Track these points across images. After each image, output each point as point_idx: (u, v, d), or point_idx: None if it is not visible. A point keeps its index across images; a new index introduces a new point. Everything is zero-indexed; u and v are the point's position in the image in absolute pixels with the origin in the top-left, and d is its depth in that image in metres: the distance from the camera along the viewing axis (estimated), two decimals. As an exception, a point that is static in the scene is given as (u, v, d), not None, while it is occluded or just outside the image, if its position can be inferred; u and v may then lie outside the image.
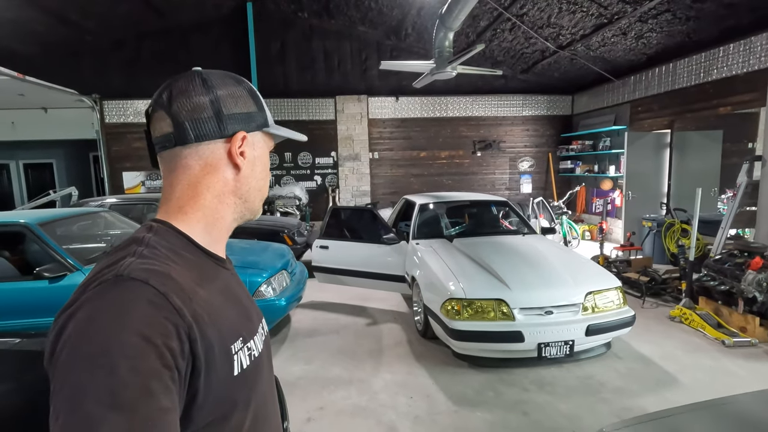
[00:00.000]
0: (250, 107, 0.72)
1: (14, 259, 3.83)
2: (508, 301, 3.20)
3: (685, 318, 4.12)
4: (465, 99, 9.24)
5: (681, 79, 6.49)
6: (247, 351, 0.66)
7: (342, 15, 8.26)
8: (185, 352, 0.54)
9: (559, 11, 6.28)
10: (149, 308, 0.53)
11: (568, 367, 3.35)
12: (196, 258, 0.66)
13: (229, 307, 0.67)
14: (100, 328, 0.50)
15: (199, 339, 0.56)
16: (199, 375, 0.56)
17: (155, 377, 0.50)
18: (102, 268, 0.58)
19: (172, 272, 0.59)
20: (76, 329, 0.51)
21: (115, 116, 8.51)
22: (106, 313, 0.52)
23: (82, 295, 0.54)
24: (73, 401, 0.47)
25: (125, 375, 0.48)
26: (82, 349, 0.49)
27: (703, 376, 3.18)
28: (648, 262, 5.46)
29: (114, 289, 0.54)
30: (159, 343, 0.51)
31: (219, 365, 0.59)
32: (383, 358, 3.59)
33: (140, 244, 0.62)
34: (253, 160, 0.72)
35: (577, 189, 8.72)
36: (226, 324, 0.63)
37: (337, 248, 4.78)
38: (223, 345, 0.61)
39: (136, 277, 0.55)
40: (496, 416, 2.72)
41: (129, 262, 0.57)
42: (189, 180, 0.68)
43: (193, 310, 0.57)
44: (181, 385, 0.54)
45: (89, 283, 0.56)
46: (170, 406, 0.51)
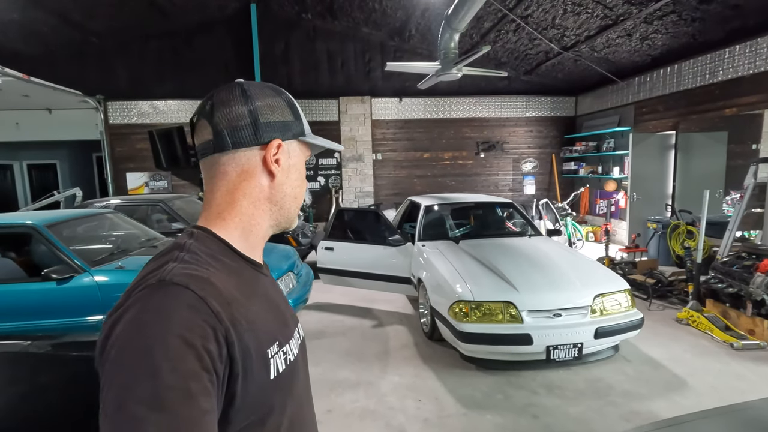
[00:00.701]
0: (287, 116, 0.73)
1: (21, 260, 3.84)
2: (516, 304, 3.18)
3: (693, 320, 4.10)
4: (468, 100, 9.23)
5: (686, 81, 6.48)
6: (283, 355, 0.67)
7: (346, 16, 8.27)
8: (223, 356, 0.56)
9: (564, 12, 6.27)
10: (189, 312, 0.54)
11: (576, 369, 3.34)
12: (235, 263, 0.68)
13: (265, 312, 0.68)
14: (144, 331, 0.53)
15: (237, 342, 0.57)
16: (237, 378, 0.57)
17: (195, 379, 0.51)
18: (147, 273, 0.61)
19: (212, 277, 0.60)
20: (123, 331, 0.53)
21: (119, 117, 8.52)
22: (150, 316, 0.54)
23: (129, 299, 0.57)
24: (119, 400, 0.49)
25: (167, 377, 0.50)
26: (128, 350, 0.52)
27: (713, 379, 3.16)
28: (654, 264, 5.45)
29: (157, 293, 0.56)
30: (198, 346, 0.53)
31: (256, 369, 0.60)
32: (390, 360, 3.58)
33: (182, 249, 0.64)
34: (288, 168, 0.74)
35: (581, 190, 8.71)
36: (263, 328, 0.64)
37: (342, 250, 4.77)
38: (260, 349, 0.62)
39: (178, 281, 0.57)
40: (507, 420, 2.71)
41: (171, 267, 0.59)
42: (227, 187, 0.70)
43: (231, 315, 0.58)
44: (219, 388, 0.55)
45: (135, 287, 0.58)
46: (209, 408, 0.52)
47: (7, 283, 3.24)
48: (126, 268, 3.34)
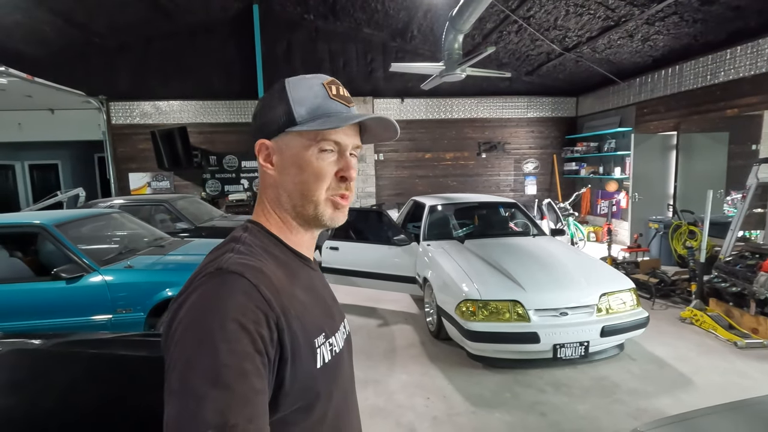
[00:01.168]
0: (276, 112, 0.70)
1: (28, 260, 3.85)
2: (523, 303, 3.21)
3: (696, 319, 4.13)
4: (470, 101, 9.26)
5: (687, 81, 6.51)
6: (329, 346, 0.69)
7: (348, 17, 8.29)
8: (274, 340, 0.59)
9: (566, 14, 6.30)
10: (243, 298, 0.58)
11: (582, 368, 3.37)
12: (285, 256, 0.72)
13: (313, 304, 0.70)
14: (204, 315, 0.56)
15: (286, 329, 0.60)
16: (286, 363, 0.60)
17: (249, 360, 0.55)
18: (207, 262, 0.65)
19: (264, 267, 0.64)
20: (186, 315, 0.58)
21: (121, 117, 8.52)
22: (209, 301, 0.58)
23: (191, 285, 0.61)
24: (183, 377, 0.53)
25: (224, 356, 0.53)
26: (190, 332, 0.56)
27: (718, 377, 3.19)
28: (656, 264, 5.48)
29: (215, 280, 0.60)
30: (252, 330, 0.56)
31: (304, 356, 0.63)
32: (397, 358, 3.60)
33: (237, 242, 0.68)
34: (283, 164, 0.71)
35: (582, 191, 8.74)
36: (310, 319, 0.67)
37: (347, 249, 4.79)
38: (307, 338, 0.65)
39: (234, 270, 0.61)
40: (515, 417, 2.73)
41: (228, 257, 0.64)
42: (259, 188, 0.78)
43: (281, 302, 0.62)
44: (270, 371, 0.58)
45: (197, 275, 0.63)
46: (261, 388, 0.55)
47: (16, 282, 3.26)
48: (135, 268, 3.35)
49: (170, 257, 3.71)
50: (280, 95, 0.71)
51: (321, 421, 0.67)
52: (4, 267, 3.48)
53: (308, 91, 0.71)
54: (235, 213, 7.86)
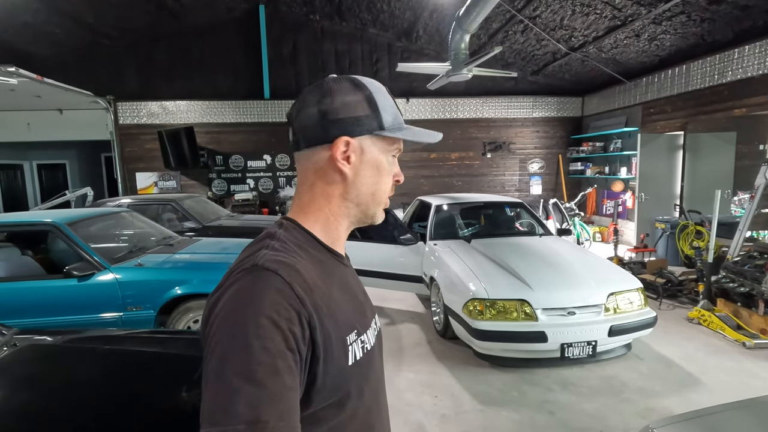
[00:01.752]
0: (361, 111, 0.71)
1: (39, 258, 3.90)
2: (530, 302, 3.21)
3: (704, 320, 4.12)
4: (475, 101, 9.26)
5: (695, 81, 6.49)
6: (360, 344, 0.70)
7: (354, 17, 8.32)
8: (306, 338, 0.59)
9: (572, 13, 6.30)
10: (277, 295, 0.59)
11: (589, 367, 3.37)
12: (319, 254, 0.72)
13: (345, 301, 0.71)
14: (239, 310, 0.57)
15: (318, 327, 0.61)
16: (318, 361, 0.61)
17: (281, 357, 0.55)
18: (244, 258, 0.66)
19: (298, 265, 0.64)
20: (222, 309, 0.59)
21: (128, 117, 8.59)
22: (244, 297, 0.59)
23: (227, 280, 0.62)
24: (219, 370, 0.55)
25: (258, 353, 0.54)
26: (225, 326, 0.57)
27: (726, 377, 3.18)
28: (663, 264, 5.46)
29: (250, 276, 0.61)
30: (284, 327, 0.57)
31: (336, 354, 0.64)
32: (405, 357, 3.61)
33: (273, 238, 0.69)
34: (360, 165, 0.73)
35: (588, 191, 8.72)
36: (342, 316, 0.67)
37: (353, 248, 4.79)
38: (339, 335, 0.65)
39: (269, 267, 0.61)
40: (523, 416, 2.74)
41: (263, 254, 0.64)
42: (306, 183, 0.75)
43: (314, 301, 0.62)
44: (301, 368, 0.59)
45: (234, 270, 0.63)
46: (292, 385, 0.56)
47: (29, 280, 3.30)
48: (145, 266, 3.39)
49: (179, 256, 3.74)
50: (359, 94, 0.72)
51: (353, 417, 0.68)
52: (18, 265, 3.52)
53: (386, 98, 0.75)
54: (241, 212, 7.90)
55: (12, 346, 1.96)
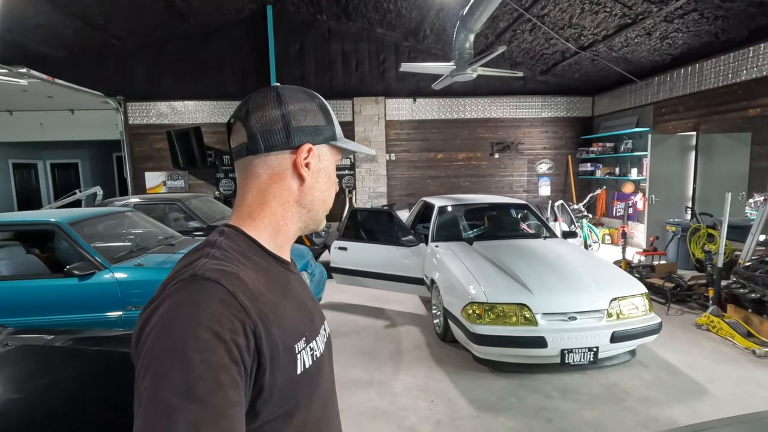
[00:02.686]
0: (319, 121, 0.74)
1: (44, 256, 3.96)
2: (530, 306, 3.16)
3: (713, 326, 4.00)
4: (483, 100, 9.17)
5: (708, 80, 6.32)
6: (309, 351, 0.68)
7: (361, 17, 8.30)
8: (251, 349, 0.57)
9: (582, 12, 6.19)
10: (219, 306, 0.56)
11: (591, 374, 3.29)
12: (263, 261, 0.70)
13: (292, 308, 0.69)
14: (177, 323, 0.54)
15: (264, 337, 0.59)
16: (264, 372, 0.59)
17: (224, 371, 0.53)
18: (180, 268, 0.63)
19: (241, 273, 0.62)
20: (157, 323, 0.55)
21: (138, 117, 8.70)
22: (182, 309, 0.56)
23: (163, 292, 0.59)
24: (153, 389, 0.51)
25: (198, 368, 0.51)
26: (161, 341, 0.54)
27: (734, 386, 3.08)
28: (673, 268, 5.33)
29: (189, 287, 0.58)
30: (228, 339, 0.54)
31: (283, 363, 0.61)
32: (403, 360, 3.58)
33: (213, 246, 0.66)
34: (318, 172, 0.75)
35: (597, 192, 8.57)
36: (290, 324, 0.65)
37: (355, 250, 4.79)
38: (287, 344, 0.63)
39: (209, 276, 0.58)
40: (520, 423, 2.69)
41: (203, 263, 0.61)
42: (258, 188, 0.72)
43: (259, 309, 0.60)
44: (246, 380, 0.56)
45: (169, 281, 0.60)
46: (237, 400, 0.53)
47: (31, 278, 3.35)
48: (145, 266, 3.41)
49: (179, 256, 3.74)
50: (317, 105, 0.75)
51: (302, 428, 0.66)
52: (20, 264, 3.58)
53: (332, 111, 0.79)
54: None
55: (4, 346, 1.98)
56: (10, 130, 8.70)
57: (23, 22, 6.70)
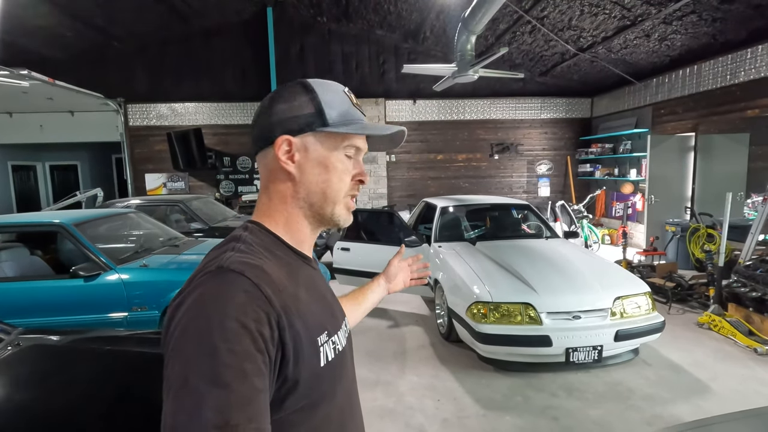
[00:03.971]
0: (303, 110, 0.71)
1: (47, 258, 3.95)
2: (535, 305, 3.18)
3: (715, 325, 4.03)
4: (482, 102, 9.22)
5: (706, 82, 6.38)
6: (332, 344, 0.69)
7: (361, 19, 8.33)
8: (275, 339, 0.58)
9: (581, 13, 6.23)
10: (244, 297, 0.57)
11: (595, 372, 3.32)
12: (286, 255, 0.71)
13: (314, 302, 0.70)
14: (204, 314, 0.56)
15: (288, 328, 0.60)
16: (288, 362, 0.60)
17: (249, 360, 0.54)
18: (208, 261, 0.64)
19: (265, 266, 0.63)
20: (185, 314, 0.57)
21: (138, 119, 8.69)
22: (209, 300, 0.57)
23: (191, 284, 0.61)
24: (183, 376, 0.53)
25: (224, 356, 0.53)
26: (189, 331, 0.55)
27: (737, 384, 3.11)
28: (673, 268, 5.37)
29: (215, 278, 0.59)
30: (252, 329, 0.56)
31: (306, 355, 0.63)
32: (408, 360, 3.59)
33: (238, 240, 0.68)
34: (305, 163, 0.72)
35: (597, 193, 8.62)
36: (312, 317, 0.66)
37: (358, 250, 4.80)
38: (310, 336, 0.64)
39: (234, 269, 0.60)
40: (526, 421, 2.70)
41: (229, 255, 0.63)
42: (263, 185, 0.76)
43: (282, 301, 0.61)
44: (271, 370, 0.57)
45: (197, 274, 0.62)
46: (262, 388, 0.55)
47: (37, 279, 3.35)
48: (150, 267, 3.42)
49: (184, 257, 3.76)
50: (306, 95, 0.72)
51: (326, 421, 0.67)
52: (26, 265, 3.58)
53: (335, 95, 0.74)
54: (248, 213, 7.94)
55: (15, 346, 1.99)
56: (10, 132, 8.68)
57: (24, 24, 6.69)
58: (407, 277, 1.27)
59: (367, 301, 1.18)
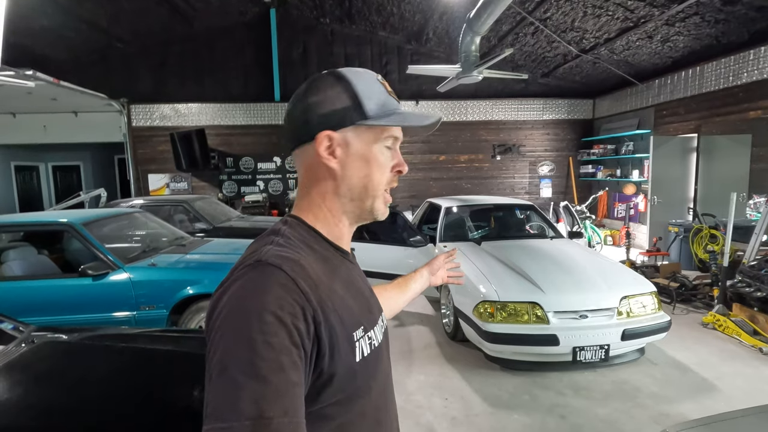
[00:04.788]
0: (341, 104, 0.70)
1: (54, 257, 3.96)
2: (542, 305, 3.19)
3: (719, 325, 4.05)
4: (485, 103, 9.24)
5: (709, 83, 6.40)
6: (368, 340, 0.69)
7: (364, 20, 8.36)
8: (311, 334, 0.59)
9: (584, 15, 6.26)
10: (281, 290, 0.58)
11: (602, 371, 3.33)
12: (324, 250, 0.71)
13: (351, 297, 0.70)
14: (242, 306, 0.57)
15: (323, 323, 0.60)
16: (324, 356, 0.60)
17: (285, 353, 0.55)
18: (248, 254, 0.66)
19: (302, 260, 0.64)
20: (225, 306, 0.58)
21: (141, 120, 8.71)
22: (247, 292, 0.58)
23: (231, 276, 0.62)
24: (222, 366, 0.54)
25: (261, 349, 0.54)
26: (228, 323, 0.57)
27: (742, 383, 3.12)
28: (677, 268, 5.39)
29: (254, 271, 0.60)
30: (288, 323, 0.56)
31: (342, 349, 0.63)
32: (414, 359, 3.60)
33: (277, 234, 0.69)
34: (347, 158, 0.71)
35: (599, 193, 8.63)
36: (348, 312, 0.67)
37: (363, 250, 4.80)
38: (346, 331, 0.65)
39: (272, 262, 0.61)
40: (534, 419, 2.72)
41: (267, 249, 0.64)
42: (301, 182, 0.76)
43: (319, 296, 0.61)
44: (306, 363, 0.58)
45: (238, 266, 0.63)
46: (297, 381, 0.55)
47: (45, 279, 3.36)
48: (158, 266, 3.43)
49: (191, 256, 3.78)
50: (342, 88, 0.70)
51: (361, 415, 0.68)
52: (35, 264, 3.59)
53: (372, 85, 0.72)
54: (251, 214, 7.96)
55: (30, 343, 2.00)
56: (13, 133, 8.69)
57: (29, 25, 6.71)
58: (446, 274, 1.31)
59: (410, 290, 1.22)
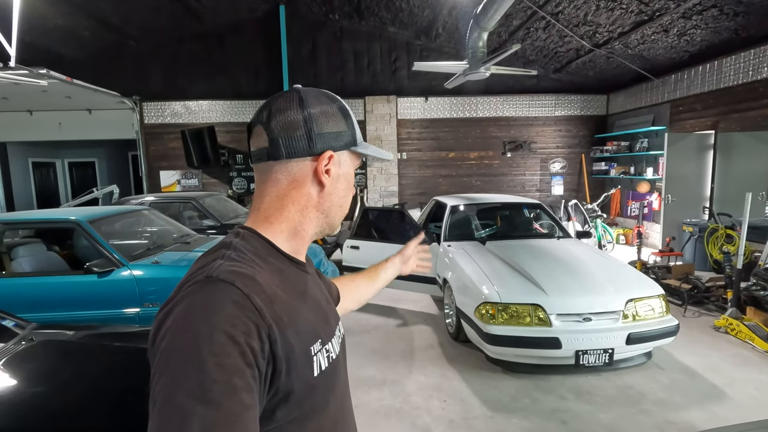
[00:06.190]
0: (340, 126, 0.73)
1: (64, 254, 4.05)
2: (544, 307, 3.13)
3: (732, 329, 3.93)
4: (495, 99, 9.11)
5: (727, 78, 6.19)
6: (325, 353, 0.68)
7: (373, 16, 8.30)
8: (265, 352, 0.57)
9: (597, 9, 6.10)
10: (234, 308, 0.56)
11: (606, 375, 3.26)
12: (279, 263, 0.69)
13: (308, 310, 0.68)
14: (191, 326, 0.54)
15: (279, 340, 0.58)
16: (280, 374, 0.58)
17: (238, 374, 0.52)
18: (196, 270, 0.63)
19: (256, 275, 0.61)
20: (172, 325, 0.55)
21: (153, 117, 8.83)
22: (197, 311, 0.55)
23: (179, 294, 0.59)
24: (168, 391, 0.51)
25: (212, 371, 0.51)
26: (176, 343, 0.53)
27: (754, 390, 3.02)
28: (689, 269, 5.24)
29: (204, 289, 0.57)
30: (242, 342, 0.54)
31: (299, 366, 0.61)
32: (415, 359, 3.58)
33: (229, 248, 0.66)
34: (337, 178, 0.74)
35: (612, 191, 8.45)
36: (305, 326, 0.65)
37: (368, 248, 4.80)
38: (303, 347, 0.63)
39: (224, 278, 0.58)
40: (534, 424, 2.67)
41: (218, 264, 0.61)
42: (277, 193, 0.71)
43: (274, 312, 0.59)
44: (261, 384, 0.56)
45: (185, 283, 0.60)
46: (251, 403, 0.53)
47: (52, 275, 3.43)
48: (161, 263, 3.47)
49: (195, 254, 3.81)
50: (340, 111, 0.74)
51: (319, 431, 0.66)
52: (43, 260, 3.67)
53: (352, 114, 0.78)
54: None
55: (29, 341, 2.04)
56: (30, 130, 8.90)
57: (43, 24, 6.84)
58: (415, 263, 1.31)
59: (379, 280, 1.22)
